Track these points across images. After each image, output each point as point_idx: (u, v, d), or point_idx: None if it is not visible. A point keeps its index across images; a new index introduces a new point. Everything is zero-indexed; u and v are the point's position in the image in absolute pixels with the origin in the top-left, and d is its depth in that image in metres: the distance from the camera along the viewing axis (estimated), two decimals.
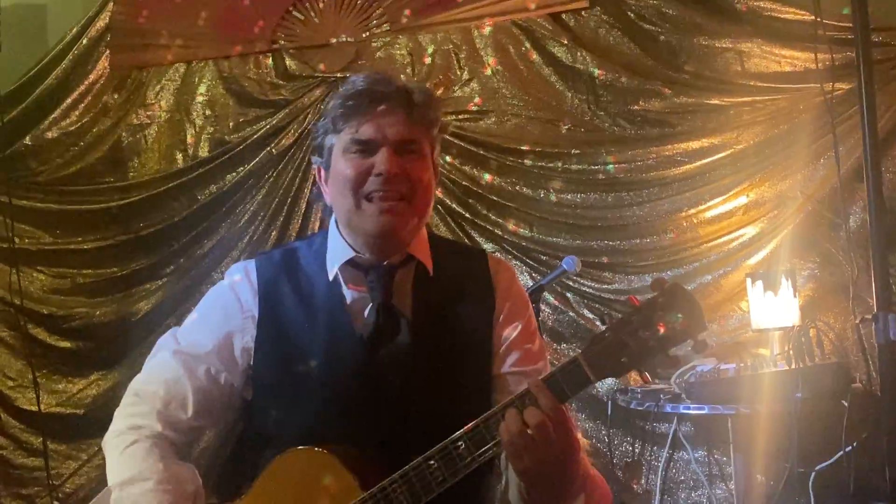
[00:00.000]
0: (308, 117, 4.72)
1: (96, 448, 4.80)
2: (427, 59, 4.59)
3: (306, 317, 1.85)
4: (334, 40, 4.73)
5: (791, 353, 3.46)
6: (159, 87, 4.98)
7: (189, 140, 4.91)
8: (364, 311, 1.86)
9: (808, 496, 3.63)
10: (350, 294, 1.88)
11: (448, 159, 4.47)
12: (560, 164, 4.37)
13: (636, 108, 4.29)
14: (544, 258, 4.35)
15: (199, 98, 4.91)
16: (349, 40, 4.71)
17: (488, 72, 4.50)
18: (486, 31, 4.52)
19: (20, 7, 5.15)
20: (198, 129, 4.91)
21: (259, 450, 1.86)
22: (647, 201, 4.26)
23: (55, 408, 4.81)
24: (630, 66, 4.32)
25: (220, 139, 4.86)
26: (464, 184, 4.46)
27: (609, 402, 4.01)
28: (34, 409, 4.68)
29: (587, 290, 4.30)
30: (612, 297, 4.27)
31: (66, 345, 4.89)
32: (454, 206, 4.47)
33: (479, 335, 1.88)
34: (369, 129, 1.80)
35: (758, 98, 4.13)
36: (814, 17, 3.75)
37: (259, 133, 4.75)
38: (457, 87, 4.54)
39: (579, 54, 4.37)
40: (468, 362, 1.85)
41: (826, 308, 3.95)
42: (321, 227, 4.59)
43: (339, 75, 4.68)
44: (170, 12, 4.95)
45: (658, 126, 4.27)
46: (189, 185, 4.86)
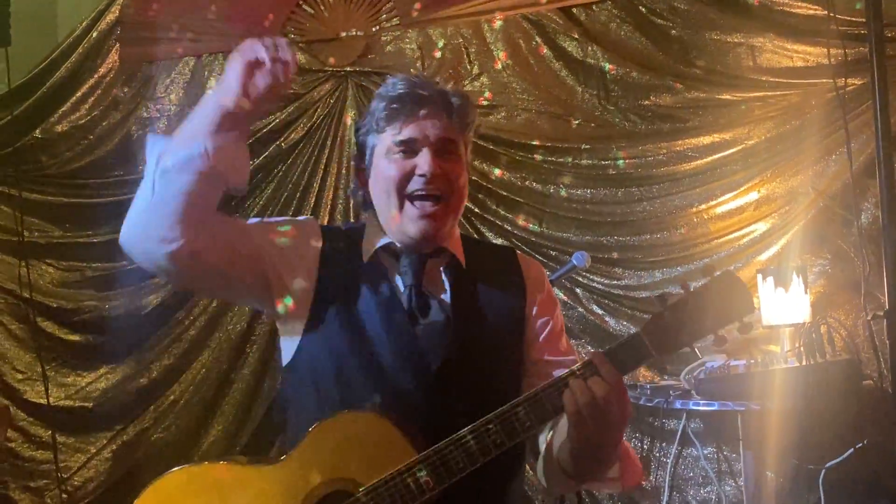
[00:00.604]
0: (317, 111, 4.72)
1: (105, 441, 4.82)
2: (437, 54, 4.58)
3: (355, 289, 1.93)
4: (344, 34, 4.72)
5: (802, 349, 3.45)
6: (169, 80, 4.97)
7: None
8: (399, 293, 1.94)
9: (817, 493, 3.62)
10: (386, 276, 1.96)
11: None
12: (570, 160, 4.36)
13: (647, 103, 4.28)
14: (554, 253, 4.34)
15: (209, 91, 4.90)
16: (359, 34, 4.70)
17: (498, 66, 4.49)
18: (497, 25, 4.51)
19: (30, 1, 5.15)
20: None
21: (303, 414, 1.89)
22: (657, 197, 4.25)
23: (64, 401, 4.82)
24: (641, 60, 4.31)
25: None
26: (473, 178, 4.45)
27: None
28: (43, 402, 4.70)
29: (597, 285, 4.29)
30: (621, 293, 4.26)
31: (75, 338, 4.90)
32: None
33: (513, 321, 1.97)
34: (412, 131, 1.90)
35: (769, 93, 4.12)
36: (826, 12, 3.74)
37: (268, 127, 4.75)
38: (467, 82, 4.53)
39: (590, 49, 4.36)
40: (502, 346, 1.94)
41: (837, 305, 3.94)
42: (330, 221, 4.63)
43: (348, 69, 4.68)
44: (179, 6, 4.94)
45: (669, 121, 4.25)
46: None
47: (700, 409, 3.61)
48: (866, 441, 3.41)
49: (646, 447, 4.17)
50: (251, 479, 1.80)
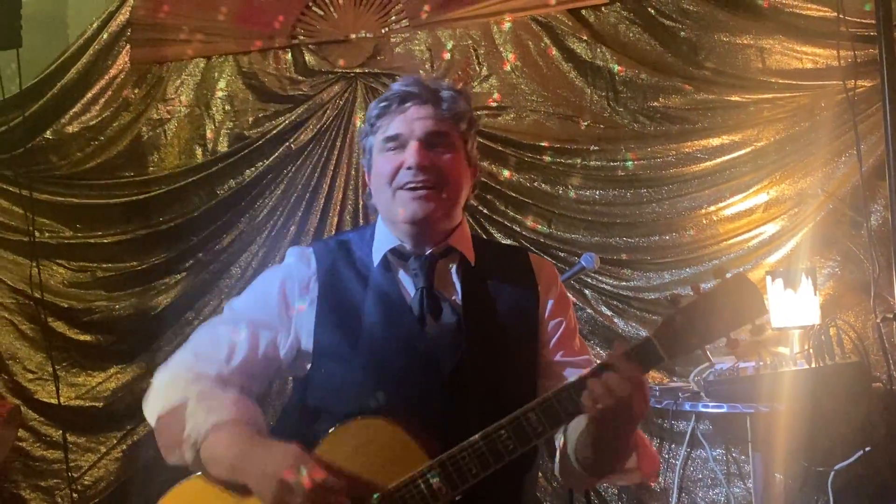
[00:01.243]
0: (327, 113, 4.73)
1: (115, 441, 4.84)
2: (446, 55, 4.59)
3: (363, 298, 1.94)
4: (353, 36, 4.73)
5: (811, 351, 3.45)
6: (179, 81, 4.99)
7: (208, 135, 4.93)
8: (410, 296, 1.95)
9: (827, 495, 3.61)
10: (396, 279, 1.97)
11: None
12: (579, 161, 4.36)
13: (656, 104, 4.28)
14: (563, 255, 4.34)
15: (219, 93, 4.92)
16: (368, 36, 4.71)
17: (507, 68, 4.49)
18: (506, 26, 4.51)
19: (41, 2, 5.17)
20: (217, 123, 4.92)
21: (314, 423, 1.90)
22: (666, 198, 4.24)
23: (74, 401, 4.84)
24: (650, 62, 4.30)
25: (240, 134, 4.87)
26: (482, 179, 4.45)
27: None
28: (54, 401, 4.71)
29: (606, 287, 4.29)
30: (630, 295, 4.26)
31: (85, 338, 4.91)
32: (472, 201, 4.42)
33: (525, 322, 1.97)
34: (399, 125, 1.93)
35: (779, 95, 4.11)
36: (836, 14, 3.73)
37: (278, 128, 4.76)
38: (476, 83, 4.53)
39: (599, 50, 4.36)
40: (515, 347, 1.94)
41: (846, 307, 3.93)
42: (339, 222, 4.64)
43: (357, 71, 4.69)
44: (190, 7, 4.96)
45: (678, 123, 4.25)
46: (208, 180, 4.87)
47: (709, 410, 3.61)
48: (876, 443, 3.40)
49: (655, 448, 4.17)
50: None
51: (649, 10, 4.32)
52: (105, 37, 5.04)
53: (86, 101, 5.05)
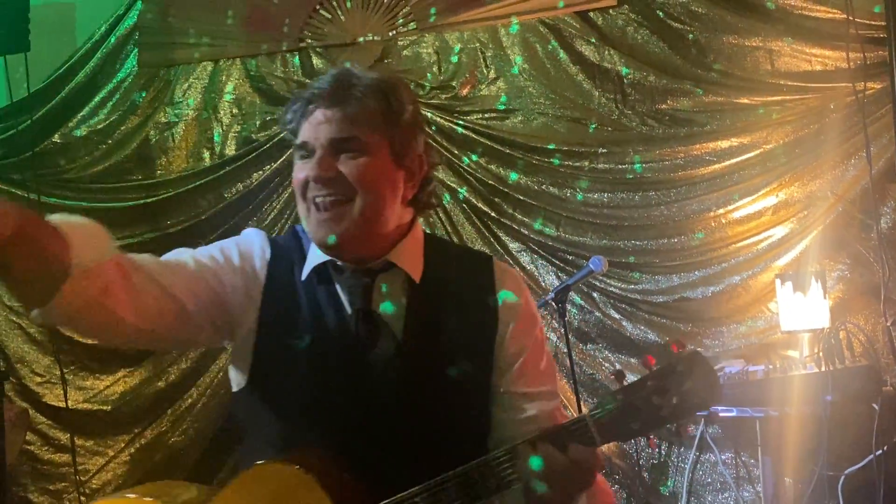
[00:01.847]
0: None
1: (123, 444, 4.84)
2: (454, 58, 4.59)
3: (297, 313, 1.74)
4: (361, 39, 4.73)
5: (821, 355, 3.43)
6: (187, 85, 5.00)
7: (216, 138, 4.93)
8: (346, 316, 1.73)
9: (837, 500, 3.59)
10: (333, 293, 1.76)
11: (474, 158, 4.47)
12: (587, 164, 4.35)
13: (664, 107, 4.27)
14: (571, 258, 4.33)
15: (227, 96, 4.93)
16: (376, 39, 4.71)
17: (515, 70, 4.49)
18: (513, 29, 4.50)
19: (50, 6, 5.18)
20: (225, 127, 4.93)
21: (244, 442, 1.81)
22: (674, 201, 4.23)
23: (82, 404, 4.84)
24: (658, 64, 4.30)
25: (247, 137, 4.88)
26: (490, 183, 4.45)
27: None
28: (62, 405, 4.71)
29: (614, 290, 4.28)
30: (638, 298, 4.25)
31: (93, 341, 4.91)
32: (480, 205, 4.46)
33: (477, 347, 1.74)
34: (305, 133, 1.72)
35: (788, 97, 4.10)
36: (845, 16, 3.72)
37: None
38: (483, 86, 4.53)
39: (607, 53, 4.35)
40: (465, 378, 1.71)
41: (856, 310, 3.91)
42: None
43: None
44: (197, 11, 4.97)
45: (686, 125, 4.24)
46: (216, 183, 4.87)
47: (718, 414, 3.59)
48: (886, 447, 3.38)
49: (664, 452, 4.15)
50: None
51: (657, 12, 4.31)
52: (113, 40, 5.05)
53: (94, 104, 5.07)
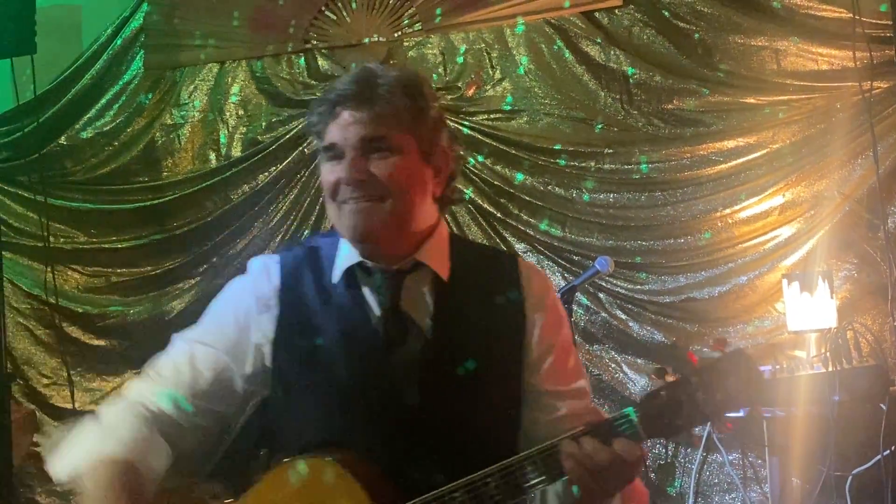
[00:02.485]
0: None
1: None
2: (459, 59, 4.59)
3: (324, 319, 1.75)
4: (366, 40, 4.73)
5: (828, 355, 3.42)
6: (193, 86, 5.01)
7: (222, 140, 4.94)
8: (375, 317, 1.75)
9: (844, 500, 3.58)
10: (360, 297, 1.77)
11: (480, 159, 4.47)
12: (593, 164, 4.35)
13: (670, 107, 4.26)
14: (577, 258, 4.33)
15: (232, 98, 4.94)
16: (381, 40, 4.71)
17: (521, 71, 4.48)
18: (519, 30, 4.50)
19: (56, 8, 5.20)
20: (231, 128, 4.94)
21: (271, 447, 1.82)
22: (681, 201, 4.22)
23: (89, 405, 4.83)
24: (664, 64, 4.29)
25: (253, 139, 4.88)
26: (496, 183, 4.45)
27: None
28: (69, 406, 4.72)
29: (620, 290, 4.27)
30: (645, 298, 4.24)
31: (100, 343, 4.93)
32: (486, 205, 4.46)
33: (506, 345, 1.75)
34: (332, 134, 1.71)
35: (794, 97, 4.09)
36: (851, 15, 3.71)
37: (291, 133, 4.77)
38: (489, 87, 4.53)
39: (613, 53, 4.35)
40: (491, 374, 1.72)
41: (864, 310, 3.90)
42: None
43: None
44: (203, 13, 4.98)
45: (692, 125, 4.23)
46: (222, 185, 4.88)
47: (725, 415, 3.58)
48: (893, 447, 3.38)
49: (671, 453, 4.15)
50: None
51: (663, 12, 4.31)
52: (119, 43, 5.07)
53: (100, 106, 5.09)
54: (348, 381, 1.70)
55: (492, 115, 4.49)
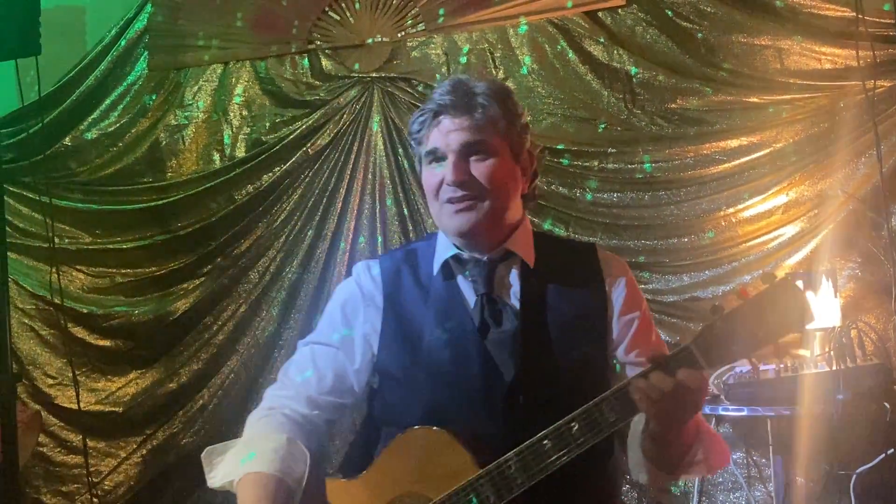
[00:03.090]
0: (343, 117, 4.74)
1: (135, 445, 4.86)
2: (462, 59, 4.59)
3: (424, 309, 1.96)
4: (370, 40, 4.74)
5: (832, 354, 3.42)
6: (197, 87, 5.02)
7: (226, 140, 4.95)
8: (470, 303, 1.95)
9: (848, 499, 3.59)
10: (456, 287, 1.98)
11: None
12: (597, 164, 4.35)
13: (674, 106, 4.26)
14: None
15: (236, 98, 4.94)
16: (385, 40, 4.72)
17: (524, 71, 4.49)
18: (522, 30, 4.51)
19: (60, 9, 5.21)
20: (235, 129, 4.95)
21: (381, 434, 1.98)
22: (684, 201, 4.22)
23: (94, 406, 4.86)
24: (667, 64, 4.29)
25: (257, 139, 4.89)
26: None
27: None
28: (74, 406, 4.72)
29: None
30: (649, 297, 4.20)
31: (105, 343, 4.94)
32: None
33: (592, 323, 1.94)
34: (435, 139, 1.92)
35: (797, 96, 4.09)
36: (855, 14, 3.71)
37: (295, 133, 4.78)
38: None
39: (616, 52, 4.35)
40: (581, 351, 1.91)
41: (867, 308, 3.90)
42: (357, 226, 4.65)
43: (374, 75, 4.70)
44: (207, 13, 4.99)
45: (696, 124, 4.23)
46: (226, 185, 4.89)
47: (729, 414, 3.59)
48: None
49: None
50: (337, 492, 1.93)
51: (666, 11, 4.30)
52: (123, 43, 5.08)
53: (104, 107, 5.09)
54: (449, 362, 1.90)
55: None
